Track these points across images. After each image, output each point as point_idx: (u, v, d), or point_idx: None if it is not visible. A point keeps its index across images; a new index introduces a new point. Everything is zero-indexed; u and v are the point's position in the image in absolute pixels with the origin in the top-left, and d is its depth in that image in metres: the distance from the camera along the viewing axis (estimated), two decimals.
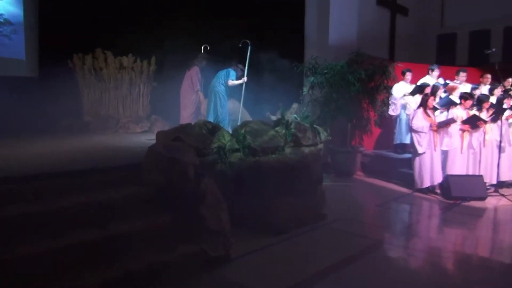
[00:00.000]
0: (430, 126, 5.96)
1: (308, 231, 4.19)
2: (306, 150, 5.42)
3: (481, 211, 5.19)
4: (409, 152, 7.18)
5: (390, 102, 7.29)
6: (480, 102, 6.35)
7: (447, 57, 11.68)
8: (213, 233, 3.38)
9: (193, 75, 7.26)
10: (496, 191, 6.00)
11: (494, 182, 6.23)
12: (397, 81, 7.45)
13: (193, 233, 3.34)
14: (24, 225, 2.68)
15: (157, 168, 3.59)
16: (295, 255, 3.58)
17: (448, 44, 11.77)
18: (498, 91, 7.16)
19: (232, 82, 7.20)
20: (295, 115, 6.37)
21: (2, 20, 7.65)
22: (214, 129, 4.41)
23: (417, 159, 6.13)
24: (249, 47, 7.18)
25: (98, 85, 7.79)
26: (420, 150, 6.00)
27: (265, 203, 4.21)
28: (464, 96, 6.25)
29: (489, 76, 7.77)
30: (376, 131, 7.96)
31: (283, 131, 5.05)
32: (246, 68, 7.21)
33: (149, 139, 6.31)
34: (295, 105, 8.14)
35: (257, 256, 3.57)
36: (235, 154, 4.48)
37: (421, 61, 11.59)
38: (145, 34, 8.06)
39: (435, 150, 6.01)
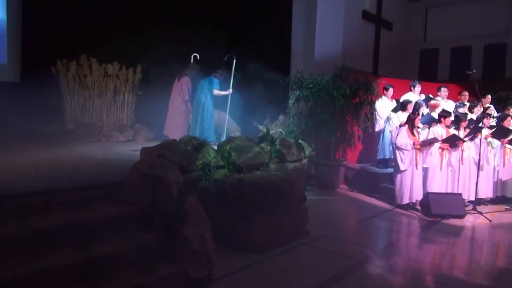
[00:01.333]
0: (413, 144, 6.07)
1: (291, 250, 4.22)
2: (291, 166, 5.46)
3: (459, 230, 5.30)
4: (391, 167, 7.31)
5: (377, 118, 7.41)
6: (458, 121, 6.51)
7: (429, 72, 11.96)
8: (196, 254, 3.37)
9: (184, 85, 7.28)
10: (474, 208, 6.14)
11: (472, 199, 6.39)
12: (380, 96, 7.57)
13: (176, 253, 3.32)
14: None
15: (140, 186, 3.56)
16: (278, 276, 3.60)
17: (431, 59, 12.06)
18: (477, 110, 7.36)
19: (218, 92, 7.24)
20: (280, 130, 6.43)
21: None
22: (199, 145, 4.41)
23: (398, 175, 6.23)
24: (234, 61, 7.24)
25: (82, 93, 7.69)
26: (402, 167, 6.10)
27: (248, 221, 4.22)
28: (443, 115, 6.40)
29: (466, 93, 7.99)
30: (360, 145, 8.07)
31: (268, 148, 5.08)
32: (232, 81, 7.27)
33: (133, 150, 6.24)
34: (281, 117, 8.18)
35: (240, 277, 3.57)
36: (220, 170, 4.48)
37: (404, 75, 11.86)
38: (131, 42, 7.98)
39: (416, 168, 6.12)
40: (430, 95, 7.81)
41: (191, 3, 8.29)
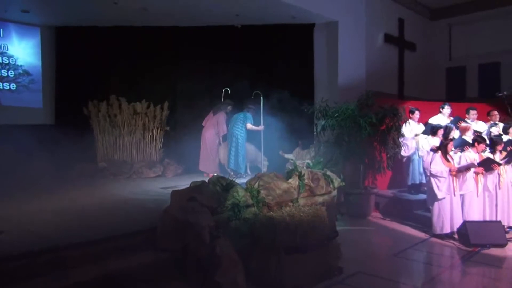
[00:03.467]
0: (449, 170, 5.90)
1: None
2: (320, 199, 5.42)
3: (501, 261, 5.05)
4: (423, 192, 7.10)
5: (401, 143, 7.26)
6: (493, 144, 6.30)
7: (457, 90, 11.71)
8: None
9: (220, 121, 7.55)
10: None
11: None
12: (407, 121, 7.44)
13: None
14: None
15: (172, 232, 3.61)
16: None
17: (458, 77, 11.82)
18: None
19: (251, 126, 7.47)
20: (308, 161, 6.40)
21: (21, 71, 7.94)
22: (228, 185, 4.44)
23: (436, 204, 6.00)
24: (261, 98, 7.36)
25: (113, 131, 7.96)
26: (440, 195, 5.89)
27: (279, 259, 4.16)
28: (477, 140, 6.21)
29: (496, 113, 7.76)
30: (389, 170, 7.89)
31: (297, 183, 5.06)
32: (262, 117, 7.39)
33: (163, 187, 6.38)
34: (312, 148, 8.15)
35: None
36: (249, 209, 4.49)
37: (431, 95, 11.65)
38: (157, 80, 8.29)
39: (454, 194, 5.92)
40: (459, 117, 7.61)
41: (212, 39, 8.52)
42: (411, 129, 7.46)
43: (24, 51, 7.99)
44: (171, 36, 8.47)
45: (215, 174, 7.50)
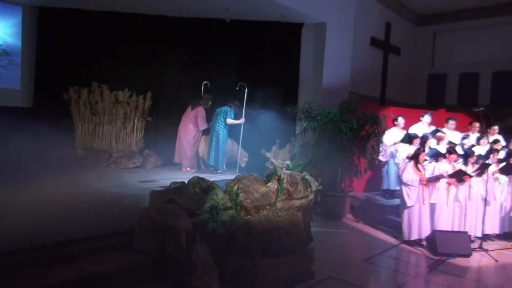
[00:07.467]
0: (420, 180, 6.09)
1: None
2: (297, 203, 5.50)
3: (464, 271, 5.29)
4: (397, 197, 7.31)
5: (380, 149, 7.44)
6: (466, 156, 6.52)
7: (437, 97, 11.99)
8: None
9: (199, 116, 7.60)
10: (480, 246, 6.12)
11: (479, 235, 6.37)
12: (387, 128, 7.60)
13: None
14: None
15: (150, 234, 3.63)
16: None
17: (439, 84, 12.09)
18: (484, 142, 7.38)
19: (231, 121, 7.50)
20: (287, 162, 6.48)
21: (0, 51, 7.69)
22: (208, 188, 4.47)
23: (405, 211, 6.24)
24: (246, 90, 7.39)
25: (93, 119, 7.82)
26: (409, 203, 6.12)
27: (255, 263, 4.26)
28: (449, 151, 6.42)
29: (477, 124, 8.00)
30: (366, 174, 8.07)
31: (275, 187, 5.13)
32: (244, 110, 7.42)
33: (142, 181, 6.35)
34: (288, 146, 8.24)
35: None
36: (227, 212, 4.53)
37: (412, 100, 11.90)
38: (141, 69, 8.15)
39: (423, 203, 6.13)
40: (438, 128, 7.81)
41: (200, 32, 8.43)
42: (394, 135, 7.61)
43: (3, 30, 7.71)
44: (158, 25, 8.33)
45: (188, 169, 7.59)
